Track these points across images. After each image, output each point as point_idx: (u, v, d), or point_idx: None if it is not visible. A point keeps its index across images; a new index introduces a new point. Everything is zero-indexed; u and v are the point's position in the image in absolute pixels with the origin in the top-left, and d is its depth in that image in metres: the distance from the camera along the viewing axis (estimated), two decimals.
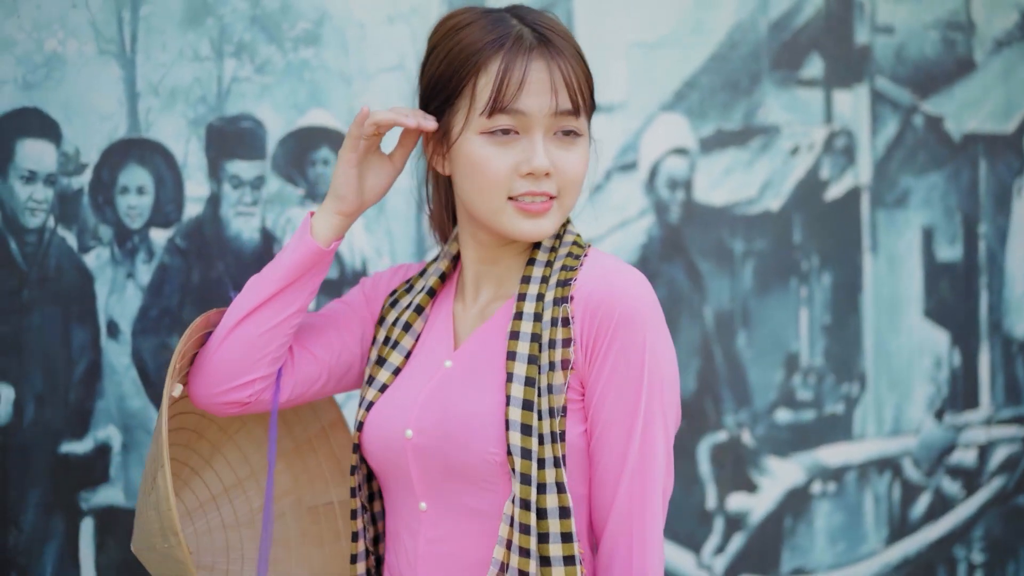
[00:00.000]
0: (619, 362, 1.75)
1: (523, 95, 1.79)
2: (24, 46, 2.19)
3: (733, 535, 2.75)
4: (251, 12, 2.34)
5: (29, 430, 2.20)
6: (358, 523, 1.96)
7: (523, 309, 1.81)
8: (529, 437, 1.74)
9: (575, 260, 1.83)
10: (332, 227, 1.94)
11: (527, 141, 1.81)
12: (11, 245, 2.19)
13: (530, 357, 1.77)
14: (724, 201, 2.73)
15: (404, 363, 1.95)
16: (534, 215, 1.82)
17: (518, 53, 1.80)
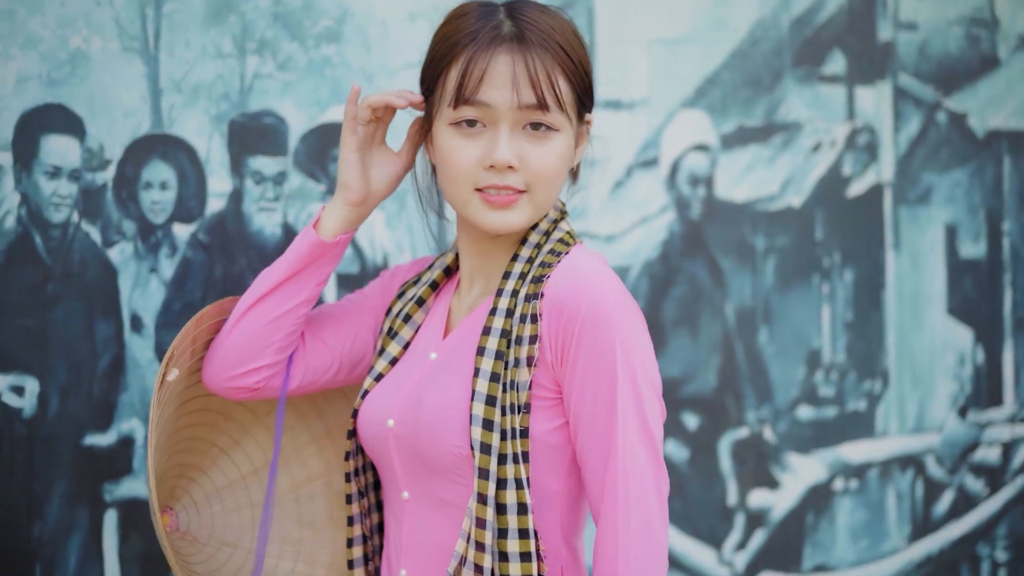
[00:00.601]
0: (590, 363, 1.74)
1: (485, 87, 1.80)
2: (49, 43, 2.21)
3: (755, 531, 2.75)
4: (273, 9, 2.36)
5: (54, 423, 2.23)
6: (354, 508, 1.98)
7: (498, 305, 1.82)
8: (491, 432, 1.74)
9: (555, 257, 1.83)
10: (340, 219, 1.96)
11: (492, 134, 1.82)
12: (36, 240, 2.22)
13: (497, 353, 1.78)
14: (745, 198, 2.74)
15: (401, 353, 1.97)
16: (498, 207, 1.82)
17: (487, 46, 1.81)
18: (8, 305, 2.20)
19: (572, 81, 1.83)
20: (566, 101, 1.82)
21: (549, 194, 1.84)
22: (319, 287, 1.98)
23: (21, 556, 2.21)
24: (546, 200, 1.85)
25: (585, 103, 1.88)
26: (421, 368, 1.90)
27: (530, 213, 1.84)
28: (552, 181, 1.83)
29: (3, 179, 2.20)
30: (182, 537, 2.12)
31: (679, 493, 2.69)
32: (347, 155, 1.95)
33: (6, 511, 2.20)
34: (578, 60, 1.84)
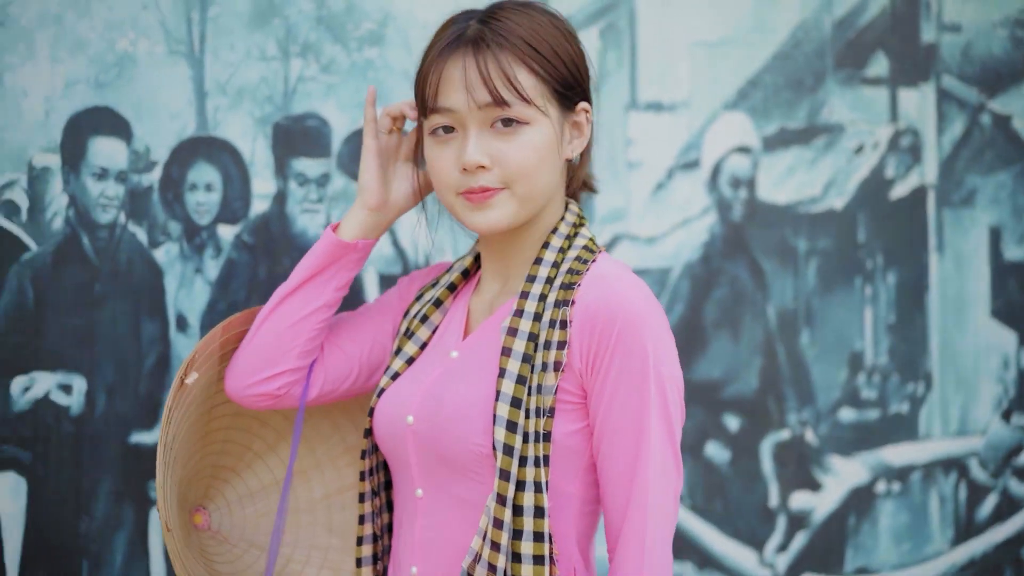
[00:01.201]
0: (623, 372, 1.76)
1: (443, 93, 1.84)
2: (96, 47, 2.24)
3: (796, 533, 2.74)
4: (317, 13, 2.38)
5: (100, 421, 2.25)
6: (366, 507, 1.98)
7: (524, 307, 1.82)
8: (514, 434, 1.75)
9: (582, 264, 1.84)
10: (358, 222, 1.98)
11: (462, 137, 1.84)
12: (83, 240, 2.24)
13: (525, 355, 1.79)
14: (787, 200, 2.73)
15: (418, 353, 1.98)
16: (478, 206, 1.84)
17: (441, 53, 1.85)
18: (56, 305, 2.23)
19: (540, 73, 1.83)
20: (531, 94, 1.82)
21: (532, 187, 1.84)
22: (339, 292, 2.00)
23: (69, 552, 2.24)
24: (530, 193, 1.85)
25: (568, 94, 1.87)
26: (441, 366, 1.91)
27: (515, 208, 1.85)
28: (531, 174, 1.84)
29: (52, 181, 2.22)
30: (213, 536, 2.14)
31: (720, 494, 2.69)
32: (367, 158, 1.99)
33: (54, 508, 2.23)
34: (550, 52, 1.84)
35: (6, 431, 2.20)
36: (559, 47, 1.86)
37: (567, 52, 1.87)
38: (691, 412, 2.66)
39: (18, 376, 2.21)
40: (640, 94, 2.63)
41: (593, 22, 2.59)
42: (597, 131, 2.57)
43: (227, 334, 2.05)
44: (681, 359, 2.59)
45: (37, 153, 2.22)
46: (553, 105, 1.85)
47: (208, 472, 2.15)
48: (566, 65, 1.86)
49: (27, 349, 2.21)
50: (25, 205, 2.21)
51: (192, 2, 2.30)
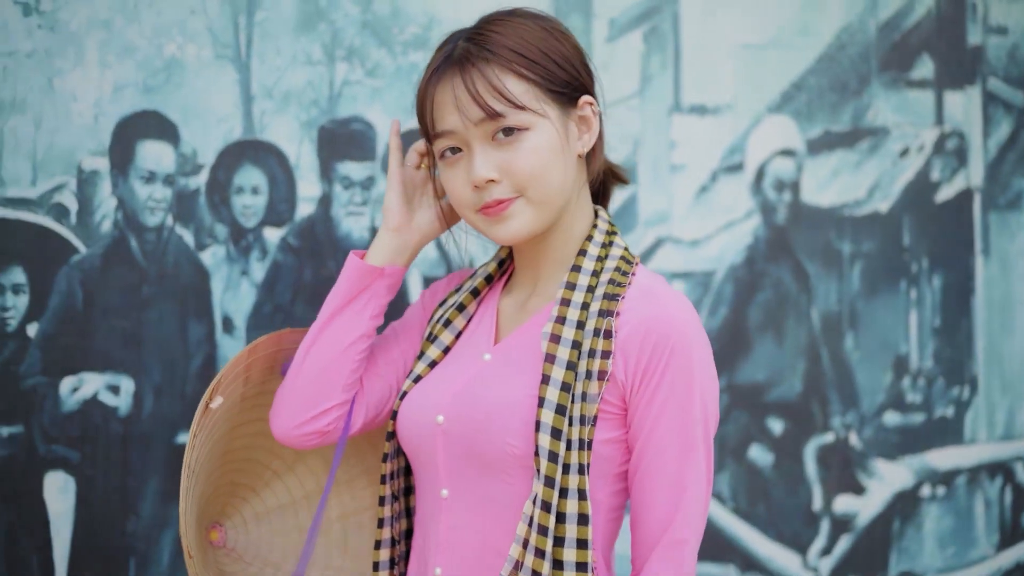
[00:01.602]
0: (673, 390, 1.78)
1: (439, 117, 1.86)
2: (145, 51, 2.26)
3: (840, 537, 2.73)
4: (362, 17, 2.39)
5: (148, 421, 2.27)
6: (386, 511, 1.98)
7: (566, 315, 1.83)
8: (558, 441, 1.76)
9: (623, 276, 1.86)
10: (383, 245, 1.99)
11: (468, 155, 1.85)
12: (132, 243, 2.26)
13: (569, 363, 1.79)
14: (832, 202, 2.72)
15: (441, 357, 1.98)
16: (498, 218, 1.85)
17: (430, 79, 1.88)
18: (105, 306, 2.25)
19: (530, 78, 1.83)
20: (524, 100, 1.83)
21: (545, 190, 1.85)
22: (374, 320, 1.99)
23: (116, 551, 2.26)
24: (544, 196, 1.85)
25: (565, 91, 1.87)
26: (474, 368, 1.91)
27: (533, 213, 1.86)
28: (541, 177, 1.84)
29: (100, 184, 2.24)
30: (228, 554, 2.14)
31: (763, 497, 2.68)
32: (391, 183, 2.01)
33: (102, 507, 2.25)
34: (539, 55, 1.85)
35: (55, 431, 2.22)
36: (549, 48, 1.86)
37: (557, 51, 1.87)
38: (734, 415, 2.65)
39: (67, 377, 2.23)
40: (684, 97, 2.62)
41: (637, 25, 2.59)
42: (641, 133, 2.58)
43: (252, 357, 2.05)
44: (725, 362, 2.63)
45: (86, 157, 2.24)
46: (551, 106, 1.85)
47: (227, 489, 2.16)
48: (558, 64, 1.86)
49: (76, 350, 2.23)
50: (74, 208, 2.23)
51: (239, 7, 2.32)
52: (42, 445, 2.22)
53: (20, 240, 2.20)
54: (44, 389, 2.22)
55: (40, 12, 2.21)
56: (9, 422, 2.20)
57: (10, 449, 2.20)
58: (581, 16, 2.55)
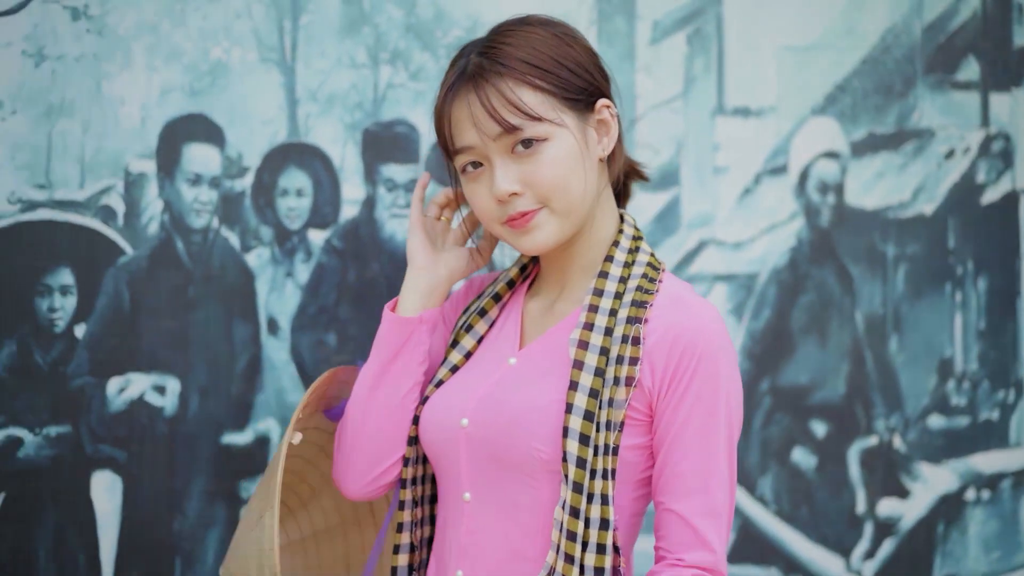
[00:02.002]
0: (699, 396, 1.78)
1: (457, 134, 1.86)
2: (191, 55, 2.27)
3: (884, 541, 2.71)
4: (406, 20, 2.39)
5: (193, 421, 2.28)
6: (406, 516, 1.96)
7: (594, 321, 1.82)
8: (586, 448, 1.75)
9: (651, 283, 1.85)
10: (413, 289, 1.98)
11: (489, 169, 1.85)
12: (178, 245, 2.27)
13: (597, 369, 1.79)
14: (876, 205, 2.70)
15: (463, 362, 1.97)
16: (524, 230, 1.85)
17: (445, 96, 1.87)
18: (151, 307, 2.26)
19: (544, 88, 1.83)
20: (540, 111, 1.82)
21: (568, 198, 1.84)
22: (422, 366, 1.97)
23: (162, 550, 2.27)
24: (568, 206, 1.85)
25: (580, 97, 1.86)
26: (499, 372, 1.90)
27: (558, 224, 1.86)
28: (564, 186, 1.84)
29: (147, 186, 2.25)
30: None
31: (807, 500, 2.67)
32: (413, 228, 2.01)
33: (148, 506, 2.26)
34: (552, 64, 1.84)
35: (103, 431, 2.23)
36: (561, 55, 1.85)
37: (570, 57, 1.86)
38: (777, 418, 2.64)
39: (114, 377, 2.24)
40: (727, 99, 2.61)
41: (680, 27, 2.58)
42: (685, 136, 2.58)
43: (318, 390, 2.03)
44: (767, 365, 2.62)
45: (133, 159, 2.25)
46: (567, 113, 1.85)
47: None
48: (571, 71, 1.85)
49: (123, 351, 2.24)
50: (122, 210, 2.25)
51: (284, 11, 2.32)
52: (89, 445, 2.23)
53: (68, 242, 2.22)
54: (91, 389, 2.23)
55: (88, 16, 2.22)
56: (57, 422, 2.22)
57: (58, 449, 2.21)
58: (624, 18, 2.54)
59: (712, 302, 2.61)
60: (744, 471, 2.63)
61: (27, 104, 2.19)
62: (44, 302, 2.21)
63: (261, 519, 1.86)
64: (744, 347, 2.63)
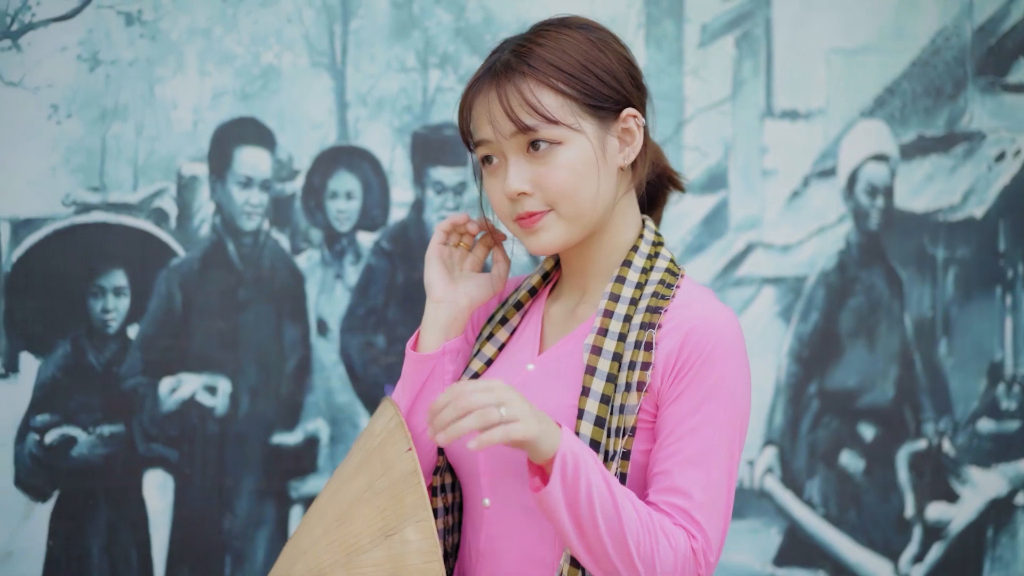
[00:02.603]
0: (699, 388, 1.75)
1: (476, 128, 1.85)
2: (243, 59, 2.28)
3: (932, 544, 2.68)
4: (455, 25, 2.39)
5: (244, 421, 2.29)
6: (438, 523, 1.94)
7: (608, 327, 1.81)
8: (597, 453, 1.74)
9: (667, 289, 1.83)
10: (434, 322, 1.94)
11: (504, 166, 1.84)
12: (229, 246, 2.29)
13: (609, 375, 1.77)
14: (925, 208, 2.67)
15: (484, 369, 1.95)
16: (530, 230, 1.84)
17: (472, 88, 1.86)
18: (203, 308, 2.27)
19: (566, 92, 1.81)
20: (558, 114, 1.80)
21: (576, 205, 1.82)
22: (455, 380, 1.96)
23: (213, 548, 2.29)
24: (576, 212, 1.83)
25: (604, 105, 1.84)
26: (517, 378, 1.88)
27: (564, 228, 1.84)
28: (573, 193, 1.82)
29: (199, 189, 2.27)
30: None
31: (855, 504, 2.64)
32: (430, 258, 1.98)
33: (199, 505, 2.27)
34: (579, 69, 1.82)
35: (155, 430, 2.25)
36: (592, 61, 1.83)
37: (600, 64, 1.84)
38: (825, 421, 2.62)
39: (166, 377, 2.26)
40: (776, 102, 2.59)
41: (729, 31, 2.56)
42: (733, 139, 2.56)
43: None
44: (815, 367, 2.60)
45: (185, 162, 2.26)
46: (588, 120, 1.82)
47: None
48: (598, 77, 1.83)
49: (175, 351, 2.26)
50: (174, 213, 2.26)
51: (334, 15, 2.33)
52: (142, 444, 2.25)
53: (121, 244, 2.24)
54: (144, 389, 2.25)
55: (142, 22, 2.24)
56: (110, 422, 2.24)
57: (111, 448, 2.23)
58: (673, 21, 2.53)
59: (765, 304, 2.61)
60: (792, 474, 2.61)
61: (82, 108, 2.21)
62: (98, 303, 2.23)
63: (391, 536, 1.77)
64: (792, 350, 2.61)
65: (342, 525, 1.81)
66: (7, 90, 2.18)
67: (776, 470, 2.61)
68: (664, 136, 2.52)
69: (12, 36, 2.19)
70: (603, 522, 1.66)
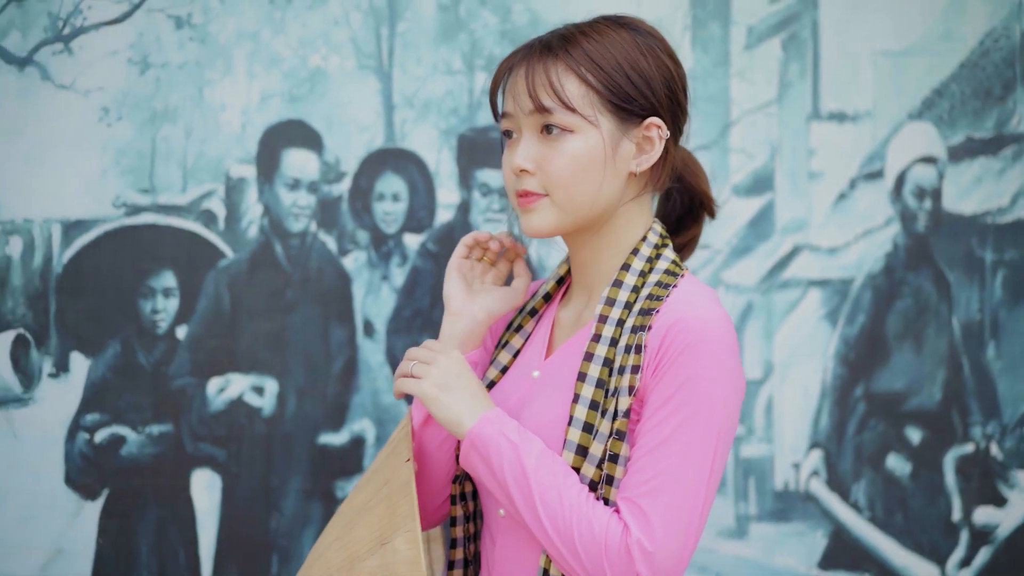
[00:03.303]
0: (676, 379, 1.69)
1: (505, 99, 1.83)
2: (290, 62, 2.28)
3: (980, 548, 2.64)
4: (501, 27, 2.38)
5: (291, 421, 2.29)
6: (457, 531, 1.92)
7: (602, 332, 1.77)
8: (583, 459, 1.71)
9: (663, 290, 1.78)
10: (451, 336, 1.92)
11: (518, 142, 1.82)
12: (276, 248, 2.28)
13: (599, 381, 1.74)
14: (974, 210, 2.63)
15: (499, 377, 1.92)
16: (525, 209, 1.81)
17: (510, 61, 1.83)
18: (251, 310, 2.27)
19: (592, 84, 1.77)
20: (577, 103, 1.77)
21: (571, 197, 1.79)
22: None
23: (259, 547, 2.29)
24: (569, 202, 1.79)
25: (629, 107, 1.80)
26: (524, 386, 1.86)
27: (555, 216, 1.80)
28: (570, 183, 1.78)
29: (247, 191, 2.27)
30: None
31: (901, 507, 2.61)
32: (450, 272, 1.95)
33: (247, 504, 2.28)
34: (613, 65, 1.78)
35: (203, 430, 2.25)
36: (627, 60, 1.80)
37: (637, 66, 1.80)
38: (872, 424, 2.59)
39: (214, 378, 2.26)
40: (823, 104, 2.56)
41: (775, 32, 2.54)
42: (779, 141, 2.53)
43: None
44: (862, 370, 2.57)
45: (234, 164, 2.26)
46: (607, 116, 1.79)
47: None
48: (630, 79, 1.79)
49: (223, 352, 2.26)
50: (222, 214, 2.26)
51: (382, 18, 2.32)
52: (190, 444, 2.25)
53: (171, 245, 2.24)
54: (192, 389, 2.25)
55: (191, 25, 2.24)
56: (159, 421, 2.24)
57: (160, 447, 2.23)
58: (719, 24, 2.50)
59: (811, 306, 2.58)
60: (837, 477, 2.58)
61: (132, 110, 2.22)
62: (147, 304, 2.23)
63: (385, 545, 1.76)
64: (838, 352, 2.58)
65: (349, 531, 1.81)
66: (58, 93, 2.19)
67: (822, 473, 2.58)
68: (710, 139, 2.50)
69: (63, 40, 2.19)
70: (521, 505, 1.70)
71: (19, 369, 2.19)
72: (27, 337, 2.19)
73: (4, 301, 2.18)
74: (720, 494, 2.54)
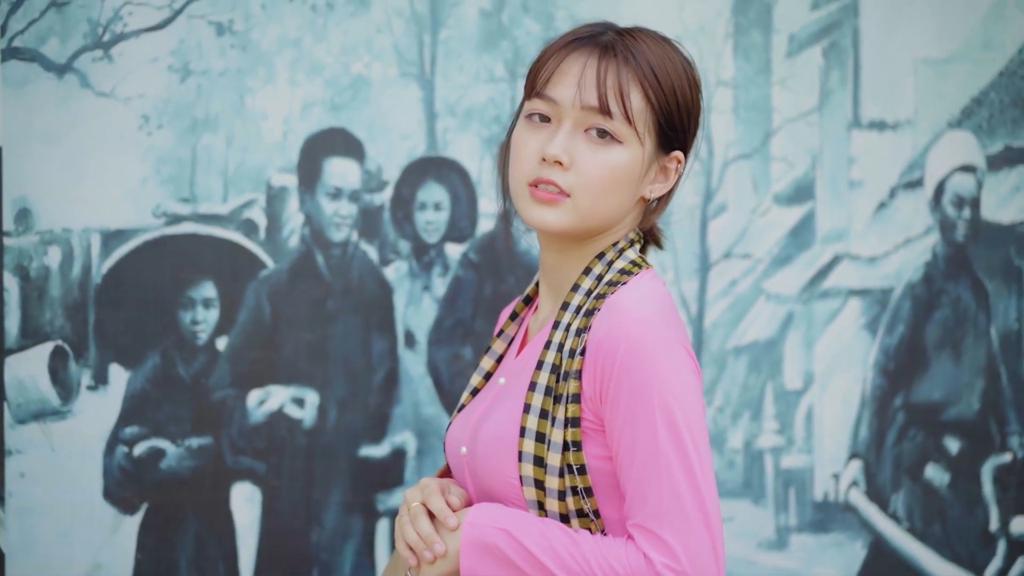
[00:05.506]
0: (630, 406, 1.60)
1: (554, 83, 1.70)
2: (332, 69, 2.21)
3: (1017, 558, 2.57)
4: (544, 34, 2.31)
5: (332, 433, 2.24)
6: None
7: (553, 338, 1.69)
8: (542, 468, 1.63)
9: (611, 288, 1.68)
10: None
11: (554, 130, 1.70)
12: (318, 258, 2.22)
13: (547, 388, 1.65)
14: (1012, 219, 2.56)
15: (482, 383, 1.84)
16: (541, 203, 1.69)
17: (568, 47, 1.72)
18: (292, 320, 2.21)
19: (652, 101, 1.69)
20: (636, 116, 1.68)
21: (594, 204, 1.69)
22: None
23: (300, 560, 2.23)
24: (590, 209, 1.69)
25: (670, 134, 1.72)
26: (492, 394, 1.78)
27: (572, 219, 1.69)
28: (599, 190, 1.68)
29: (288, 200, 2.21)
30: None
31: (939, 517, 2.54)
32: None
33: (287, 517, 2.22)
34: (669, 88, 1.70)
35: (243, 443, 2.19)
36: (679, 88, 1.72)
37: (685, 96, 1.73)
38: (911, 433, 2.53)
39: (254, 389, 2.21)
40: (863, 112, 2.49)
41: (816, 41, 2.47)
42: (820, 149, 2.47)
43: None
44: (901, 380, 2.49)
45: (275, 173, 2.21)
46: (651, 138, 1.71)
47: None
48: (679, 106, 1.72)
49: (263, 363, 2.21)
50: (263, 224, 2.20)
51: (424, 26, 2.26)
52: (230, 456, 2.19)
53: (211, 255, 2.18)
54: (232, 401, 2.20)
55: (233, 32, 2.17)
56: (199, 434, 2.18)
57: (200, 460, 2.18)
58: (761, 31, 2.43)
59: (851, 316, 2.50)
60: (876, 487, 2.52)
61: (172, 118, 2.15)
62: (187, 315, 2.16)
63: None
64: (877, 362, 2.51)
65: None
66: (98, 100, 2.13)
67: (861, 483, 2.52)
68: (752, 147, 2.44)
69: (103, 47, 2.13)
70: None
71: (57, 382, 2.13)
72: (65, 349, 2.13)
73: (42, 312, 2.12)
74: (760, 506, 2.48)
